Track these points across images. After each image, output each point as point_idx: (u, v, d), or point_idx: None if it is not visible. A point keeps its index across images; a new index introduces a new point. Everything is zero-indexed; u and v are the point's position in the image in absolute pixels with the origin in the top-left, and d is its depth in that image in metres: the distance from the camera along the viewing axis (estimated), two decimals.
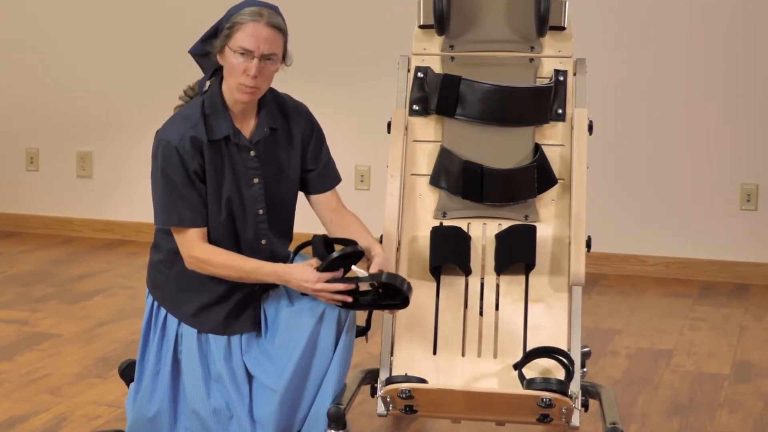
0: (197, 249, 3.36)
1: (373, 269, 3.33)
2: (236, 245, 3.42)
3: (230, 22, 3.33)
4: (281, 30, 3.35)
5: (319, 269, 3.26)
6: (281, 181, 3.47)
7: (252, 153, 3.41)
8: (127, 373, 3.63)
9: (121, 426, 3.80)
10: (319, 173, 3.52)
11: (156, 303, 3.49)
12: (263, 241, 3.45)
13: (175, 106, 3.50)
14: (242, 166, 3.40)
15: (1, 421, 3.96)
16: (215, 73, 3.44)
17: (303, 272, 3.28)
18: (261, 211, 3.44)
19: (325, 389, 3.39)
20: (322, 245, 3.30)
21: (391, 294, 3.30)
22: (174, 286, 3.44)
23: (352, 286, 3.26)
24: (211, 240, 3.40)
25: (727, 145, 6.01)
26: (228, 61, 3.33)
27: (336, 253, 3.25)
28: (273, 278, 3.34)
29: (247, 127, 3.42)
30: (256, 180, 3.42)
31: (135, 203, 6.75)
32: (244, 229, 3.42)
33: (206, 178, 3.37)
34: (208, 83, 3.46)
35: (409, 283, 3.29)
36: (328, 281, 3.26)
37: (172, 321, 3.46)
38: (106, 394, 4.24)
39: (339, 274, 3.28)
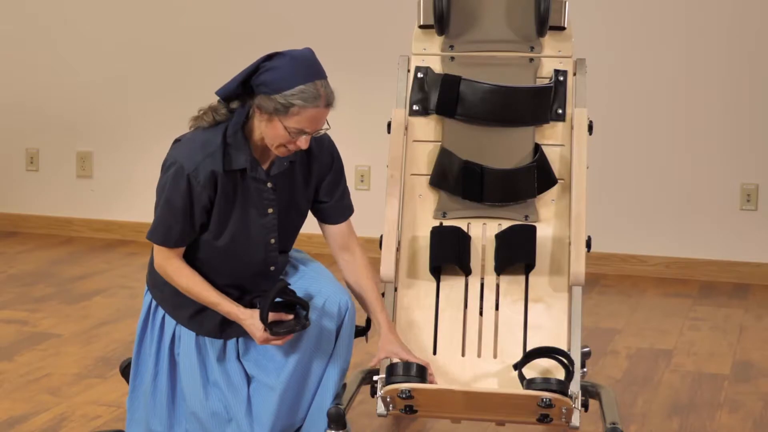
0: (169, 264, 3.35)
1: (380, 353, 3.38)
2: (230, 269, 3.39)
3: (285, 99, 3.19)
4: (334, 102, 3.27)
5: (263, 320, 3.27)
6: (293, 211, 3.44)
7: (269, 185, 3.36)
8: (128, 372, 3.62)
9: (121, 426, 3.80)
10: (330, 206, 3.49)
11: (154, 302, 3.49)
12: (272, 268, 3.44)
13: (192, 117, 3.37)
14: (257, 196, 3.35)
15: (1, 421, 3.96)
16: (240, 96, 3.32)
17: (252, 327, 3.30)
18: (273, 240, 3.41)
19: (326, 386, 3.39)
20: (274, 295, 3.29)
21: None
22: (172, 288, 3.42)
23: (290, 337, 3.30)
24: (201, 260, 3.37)
25: (727, 145, 6.01)
26: (275, 128, 3.23)
27: (272, 317, 3.28)
28: (229, 317, 3.35)
29: (267, 158, 3.36)
30: (270, 210, 3.38)
31: (135, 203, 6.75)
32: (252, 256, 3.38)
33: (214, 206, 3.32)
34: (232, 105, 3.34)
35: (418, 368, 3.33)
36: (273, 323, 3.27)
37: (170, 321, 3.46)
38: (106, 394, 4.24)
39: (287, 316, 3.29)
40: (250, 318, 3.30)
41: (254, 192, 3.35)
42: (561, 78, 3.73)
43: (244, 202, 3.34)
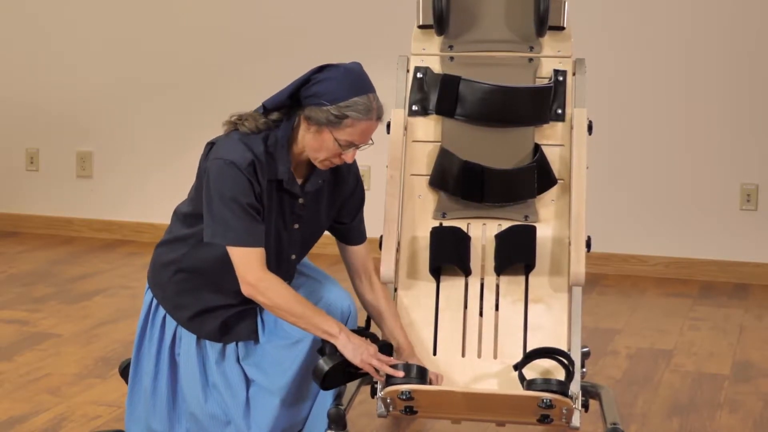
0: (262, 278, 3.22)
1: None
2: None
3: (338, 110, 3.18)
4: (383, 116, 3.28)
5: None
6: (315, 229, 3.44)
7: (300, 201, 3.35)
8: (127, 373, 3.62)
9: (121, 426, 3.80)
10: (351, 227, 3.49)
11: (155, 301, 3.48)
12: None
13: (226, 120, 3.33)
14: (288, 211, 3.34)
15: (1, 421, 3.96)
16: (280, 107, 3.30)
17: (365, 342, 3.26)
18: (293, 256, 3.40)
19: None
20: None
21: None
22: (174, 288, 3.41)
23: (400, 374, 3.24)
24: (219, 265, 3.29)
25: (727, 145, 6.02)
26: (323, 140, 3.21)
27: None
28: (327, 336, 3.23)
29: (301, 173, 3.35)
30: (296, 226, 3.37)
31: (135, 203, 6.75)
32: (271, 269, 3.29)
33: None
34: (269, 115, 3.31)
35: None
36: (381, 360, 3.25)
37: (171, 321, 3.45)
38: (106, 394, 4.24)
39: (398, 373, 3.26)
40: (359, 339, 3.24)
41: (286, 206, 3.33)
42: (560, 78, 3.72)
43: (274, 214, 3.32)
